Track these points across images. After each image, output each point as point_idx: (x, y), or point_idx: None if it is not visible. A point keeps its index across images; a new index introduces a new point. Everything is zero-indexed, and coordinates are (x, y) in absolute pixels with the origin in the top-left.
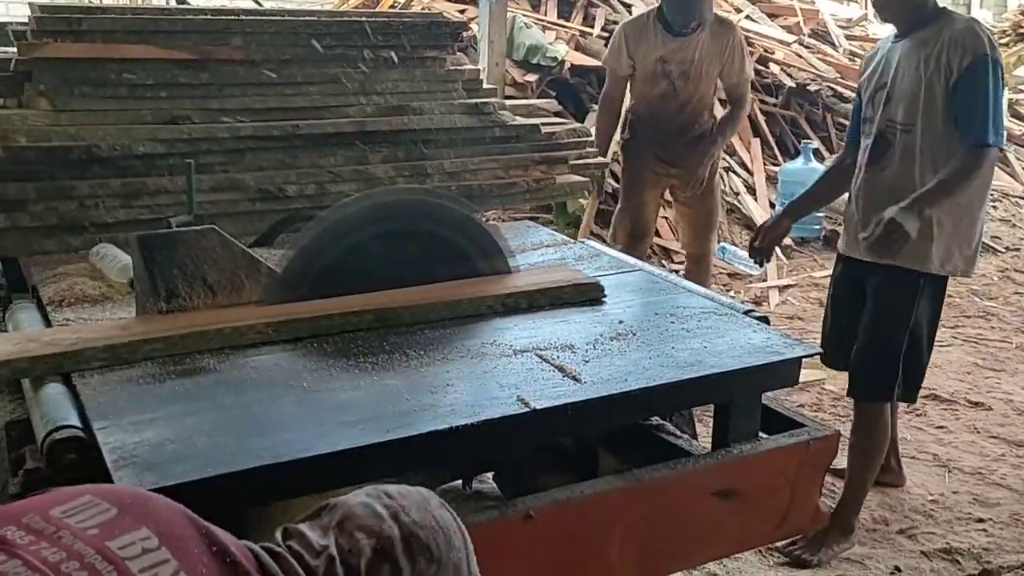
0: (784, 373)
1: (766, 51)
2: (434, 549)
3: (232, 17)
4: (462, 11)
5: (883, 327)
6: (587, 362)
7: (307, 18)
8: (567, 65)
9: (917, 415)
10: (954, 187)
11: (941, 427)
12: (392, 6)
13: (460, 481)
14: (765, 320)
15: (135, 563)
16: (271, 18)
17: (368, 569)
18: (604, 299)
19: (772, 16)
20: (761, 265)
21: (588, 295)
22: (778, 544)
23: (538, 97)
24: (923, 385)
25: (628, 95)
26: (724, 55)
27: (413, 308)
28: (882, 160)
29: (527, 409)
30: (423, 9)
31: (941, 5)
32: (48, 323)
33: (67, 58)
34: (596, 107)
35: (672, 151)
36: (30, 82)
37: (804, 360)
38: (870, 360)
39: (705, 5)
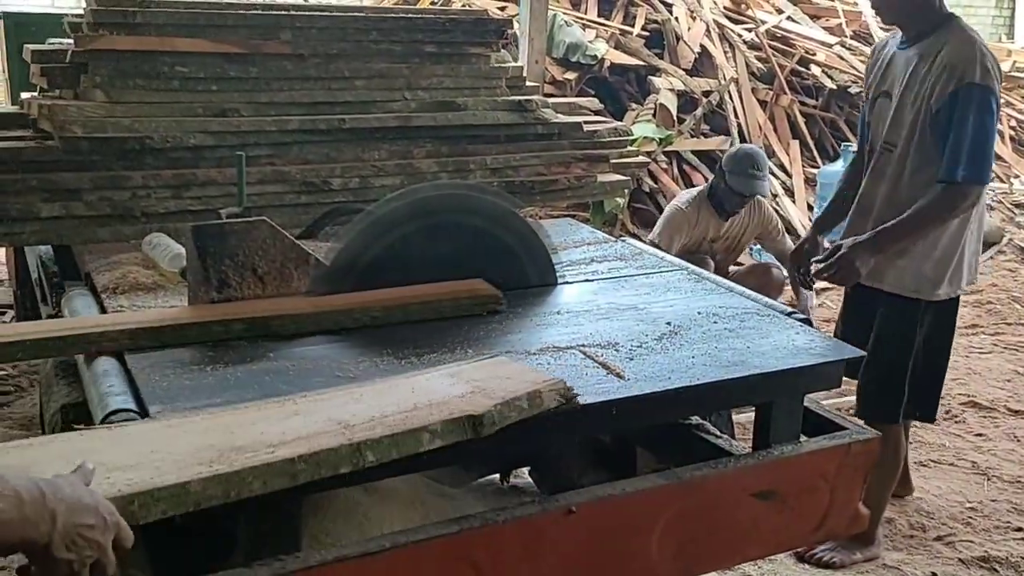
0: (827, 375)
1: (807, 52)
2: None
3: (281, 12)
4: (502, 8)
5: (886, 352)
6: (631, 360)
7: (354, 14)
8: (606, 63)
9: (956, 422)
10: (919, 225)
11: (980, 435)
12: (433, 2)
13: (498, 476)
14: (808, 322)
15: None
16: (319, 13)
17: None
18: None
19: (814, 17)
20: (810, 288)
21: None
22: (798, 549)
23: (577, 95)
24: (962, 392)
25: None
26: (761, 226)
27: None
28: (879, 179)
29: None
30: (464, 6)
31: (949, 11)
32: (103, 310)
33: (122, 50)
34: (634, 106)
35: None
36: (86, 73)
37: None
38: (876, 383)
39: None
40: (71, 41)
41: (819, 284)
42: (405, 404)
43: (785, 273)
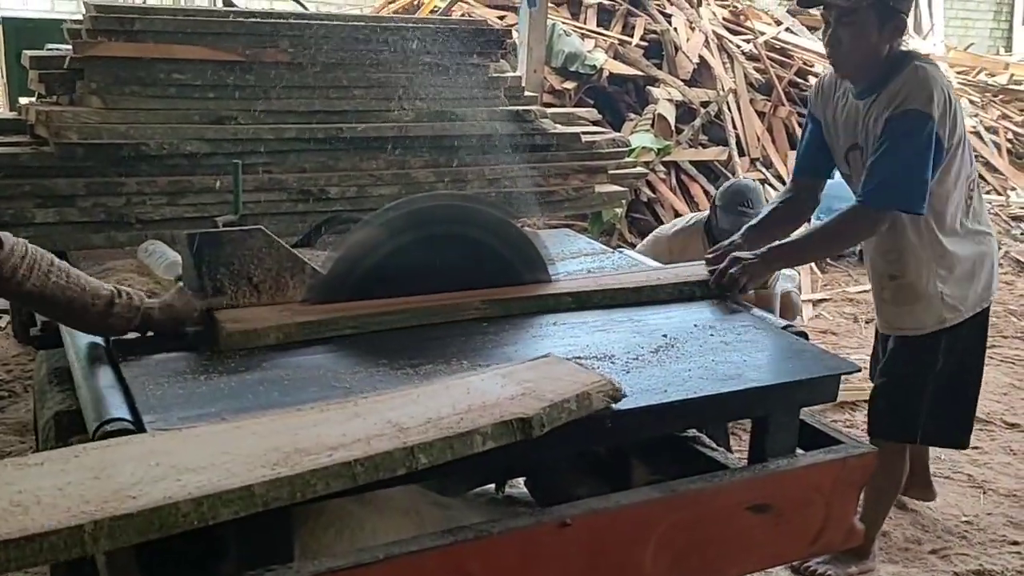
0: (823, 389)
1: (805, 64)
2: None
3: (280, 20)
4: (501, 17)
5: (902, 374)
6: (627, 372)
7: (354, 23)
8: (605, 73)
9: None
10: (819, 245)
11: (976, 447)
12: (432, 11)
13: (493, 486)
14: (803, 335)
15: None
16: (318, 22)
17: None
18: None
19: (812, 29)
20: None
21: None
22: (793, 563)
23: (575, 105)
24: None
25: None
26: None
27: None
28: None
29: None
30: (463, 15)
31: (905, 52)
32: None
33: (119, 57)
34: (633, 116)
35: None
36: (82, 79)
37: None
38: (891, 403)
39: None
40: (70, 47)
41: (816, 295)
42: (459, 406)
43: (781, 282)
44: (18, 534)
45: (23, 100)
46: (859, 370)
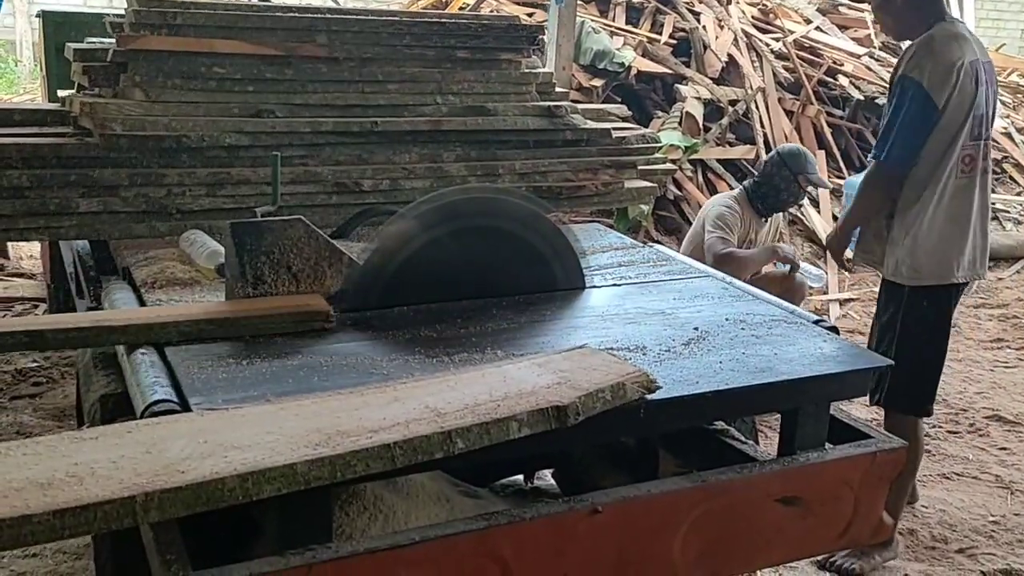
0: (854, 384)
1: (835, 63)
2: None
3: (317, 15)
4: (530, 14)
5: (875, 333)
6: (659, 364)
7: (388, 18)
8: (633, 71)
9: (980, 436)
10: (856, 200)
11: (1004, 448)
12: (461, 8)
13: (521, 476)
14: (834, 330)
15: None
16: (354, 17)
17: None
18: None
19: (842, 28)
20: None
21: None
22: (818, 557)
23: (603, 102)
24: (987, 406)
25: None
26: (780, 226)
27: None
28: None
29: None
30: (491, 11)
31: (940, 17)
32: (142, 303)
33: (162, 50)
34: (660, 114)
35: None
36: (126, 72)
37: None
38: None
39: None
40: (112, 40)
41: (843, 295)
42: (496, 393)
43: (809, 282)
44: (74, 503)
45: (61, 92)
46: (891, 365)
